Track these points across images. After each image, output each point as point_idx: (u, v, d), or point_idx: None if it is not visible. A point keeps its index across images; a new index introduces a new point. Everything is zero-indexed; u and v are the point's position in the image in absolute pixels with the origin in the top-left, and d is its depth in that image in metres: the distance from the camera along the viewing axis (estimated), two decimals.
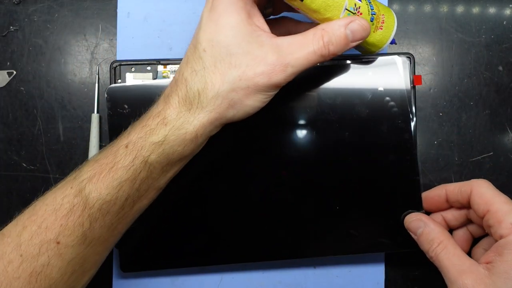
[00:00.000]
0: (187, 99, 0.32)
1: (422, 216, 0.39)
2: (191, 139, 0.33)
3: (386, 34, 0.36)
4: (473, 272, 0.33)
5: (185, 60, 0.33)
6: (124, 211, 0.33)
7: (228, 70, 0.32)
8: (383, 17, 0.35)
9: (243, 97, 0.32)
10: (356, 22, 0.33)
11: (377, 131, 0.41)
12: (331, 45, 0.33)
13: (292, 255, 0.42)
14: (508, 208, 0.35)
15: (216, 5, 0.32)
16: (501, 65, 0.45)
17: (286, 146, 0.41)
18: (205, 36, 0.32)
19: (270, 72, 0.32)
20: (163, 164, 0.33)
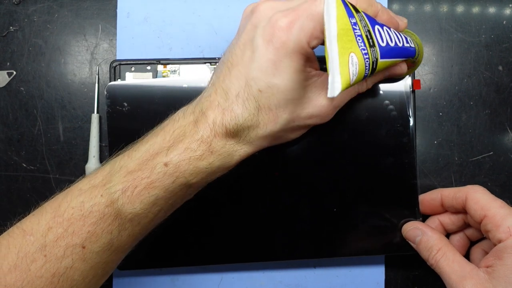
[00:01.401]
0: (235, 133, 0.32)
1: (419, 225, 0.39)
2: (234, 165, 0.33)
3: (407, 72, 0.38)
4: (473, 277, 0.34)
5: (234, 92, 0.31)
6: (153, 222, 0.33)
7: (282, 114, 0.31)
8: (416, 64, 0.38)
9: (289, 133, 0.33)
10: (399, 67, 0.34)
11: (376, 134, 0.41)
12: (370, 83, 0.34)
13: (292, 256, 0.42)
14: (504, 212, 0.35)
15: (277, 45, 0.29)
16: (501, 65, 0.45)
17: (285, 148, 0.41)
18: (263, 76, 0.30)
19: (323, 115, 0.33)
20: (201, 185, 0.33)
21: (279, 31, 0.29)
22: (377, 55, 0.28)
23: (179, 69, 0.42)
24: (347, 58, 0.26)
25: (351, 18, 0.27)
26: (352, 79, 0.27)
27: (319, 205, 0.42)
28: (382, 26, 0.29)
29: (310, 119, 0.32)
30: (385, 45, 0.29)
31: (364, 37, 0.27)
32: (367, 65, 0.28)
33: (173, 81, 0.42)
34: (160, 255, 0.42)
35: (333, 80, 0.26)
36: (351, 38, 0.27)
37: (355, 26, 0.27)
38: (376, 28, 0.29)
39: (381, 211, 0.41)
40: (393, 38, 0.30)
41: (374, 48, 0.28)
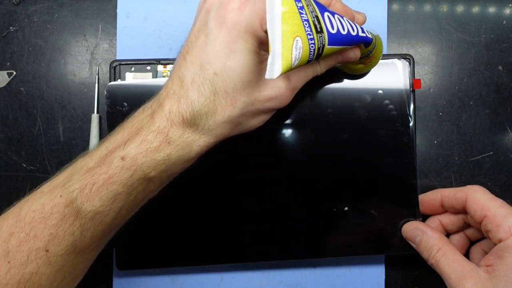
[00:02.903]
0: (193, 121, 0.31)
1: (419, 224, 0.39)
2: (194, 156, 0.32)
3: (365, 68, 0.39)
4: (473, 276, 0.34)
5: (190, 78, 0.31)
6: (117, 221, 0.32)
7: (240, 97, 0.31)
8: (372, 59, 0.38)
9: (250, 120, 0.33)
10: (352, 51, 0.34)
11: (376, 134, 0.41)
12: (324, 66, 0.34)
13: (292, 256, 0.42)
14: (505, 212, 0.35)
15: (229, 26, 0.29)
16: (501, 65, 0.45)
17: (286, 148, 0.41)
18: (217, 59, 0.30)
19: (281, 96, 0.32)
20: (162, 179, 0.33)
21: (230, 13, 0.29)
22: (324, 41, 0.28)
23: None
24: (292, 42, 0.27)
25: (298, 2, 0.27)
26: (294, 63, 0.27)
27: (319, 205, 0.42)
28: (333, 14, 0.30)
29: (269, 102, 0.32)
30: (335, 32, 0.29)
31: (311, 22, 0.28)
32: (311, 50, 0.28)
33: None
34: (160, 255, 0.42)
35: (272, 62, 0.26)
36: (298, 22, 0.27)
37: (302, 11, 0.27)
38: (326, 15, 0.29)
39: (381, 211, 0.41)
40: (346, 27, 0.30)
41: (322, 34, 0.28)
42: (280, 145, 0.41)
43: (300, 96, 0.41)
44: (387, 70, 0.41)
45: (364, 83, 0.41)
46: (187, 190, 0.41)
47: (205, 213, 0.42)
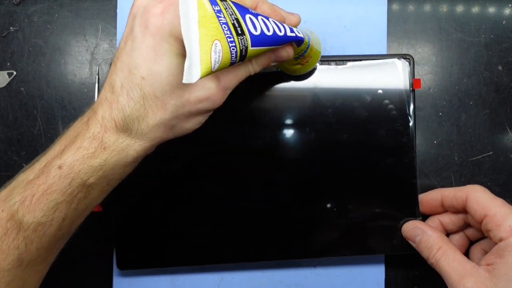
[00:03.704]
0: (125, 125, 0.31)
1: (419, 224, 0.39)
2: (132, 162, 0.32)
3: (303, 69, 0.40)
4: (473, 275, 0.34)
5: (119, 83, 0.31)
6: (62, 232, 0.32)
7: (169, 100, 0.30)
8: (309, 59, 0.38)
9: (183, 122, 0.32)
10: (284, 50, 0.34)
11: (376, 133, 0.41)
12: (256, 65, 0.34)
13: (292, 256, 0.43)
14: (505, 211, 0.35)
15: (153, 31, 0.29)
16: (500, 65, 0.45)
17: (286, 148, 0.41)
18: (144, 63, 0.30)
19: (212, 97, 0.32)
20: (102, 185, 0.32)
21: (153, 17, 0.29)
22: (247, 43, 0.29)
23: None
24: (210, 45, 0.27)
25: (215, 6, 0.27)
26: (214, 66, 0.27)
27: (319, 204, 0.42)
28: (256, 16, 0.30)
29: (200, 103, 0.31)
30: (258, 33, 0.29)
31: (230, 25, 0.28)
32: (233, 52, 0.28)
33: None
34: (160, 255, 0.42)
35: (190, 66, 0.26)
36: (215, 26, 0.27)
37: (220, 14, 0.27)
38: (248, 17, 0.29)
39: (381, 210, 0.41)
40: (271, 27, 0.30)
41: (244, 36, 0.28)
42: (280, 145, 0.41)
43: (301, 95, 0.41)
44: (387, 70, 0.42)
45: (364, 83, 0.41)
46: (187, 190, 0.41)
47: (205, 213, 0.42)
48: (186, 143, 0.41)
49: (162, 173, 0.41)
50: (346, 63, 0.42)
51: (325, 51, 0.44)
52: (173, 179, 0.41)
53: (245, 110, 0.41)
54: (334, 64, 0.42)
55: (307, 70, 0.40)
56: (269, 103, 0.41)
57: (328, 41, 0.45)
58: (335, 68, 0.42)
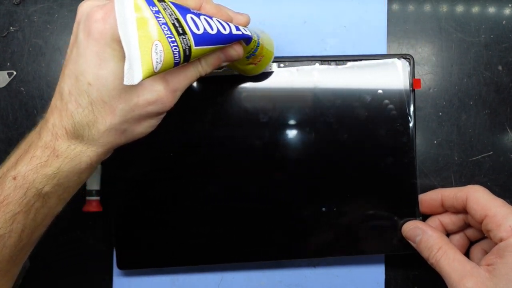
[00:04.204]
0: (76, 132, 0.31)
1: (419, 224, 0.39)
2: (86, 168, 0.32)
3: (257, 69, 0.40)
4: (474, 275, 0.34)
5: (67, 90, 0.31)
6: (22, 243, 0.32)
7: (118, 104, 0.30)
8: (261, 58, 0.38)
9: (134, 126, 0.32)
10: (233, 49, 0.34)
11: (376, 133, 0.41)
12: (206, 66, 0.34)
13: (292, 256, 0.43)
14: (505, 211, 0.35)
15: (96, 36, 0.29)
16: (500, 65, 0.45)
17: (286, 148, 0.41)
18: (89, 69, 0.30)
19: (162, 100, 0.31)
20: (59, 193, 0.32)
21: (95, 23, 0.29)
22: (190, 42, 0.29)
23: None
24: (150, 46, 0.27)
25: (152, 7, 0.28)
26: (156, 67, 0.27)
27: (319, 204, 0.42)
28: (198, 15, 0.30)
29: (150, 106, 0.31)
30: (201, 32, 0.30)
31: (170, 26, 0.28)
32: (175, 52, 0.28)
33: None
34: (160, 255, 0.42)
35: (130, 68, 0.26)
36: (155, 26, 0.27)
37: (158, 15, 0.28)
38: (189, 17, 0.29)
39: (381, 211, 0.41)
40: (215, 26, 0.31)
41: (185, 36, 0.29)
42: (280, 145, 0.41)
43: (300, 96, 0.41)
44: (387, 70, 0.42)
45: (364, 83, 0.41)
46: (188, 190, 0.41)
47: (205, 213, 0.42)
48: (186, 143, 0.41)
49: (162, 173, 0.41)
50: (346, 63, 0.42)
51: (325, 51, 0.44)
52: (173, 179, 0.41)
53: (245, 110, 0.41)
54: (334, 64, 0.42)
55: (261, 70, 0.40)
56: (269, 103, 0.41)
57: (328, 41, 0.45)
58: (335, 68, 0.42)
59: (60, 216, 0.44)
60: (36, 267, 0.44)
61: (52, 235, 0.44)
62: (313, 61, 0.42)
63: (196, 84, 0.41)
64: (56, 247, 0.44)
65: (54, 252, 0.44)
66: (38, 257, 0.44)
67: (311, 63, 0.42)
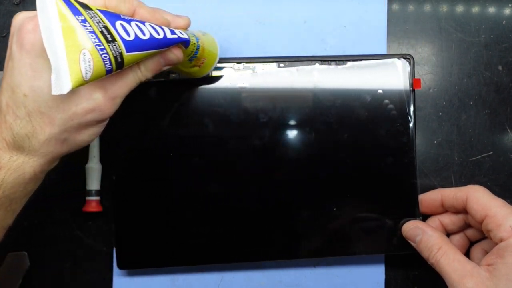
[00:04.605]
0: (16, 143, 0.31)
1: (419, 224, 0.39)
2: (31, 178, 0.32)
3: (202, 70, 0.40)
4: (474, 275, 0.34)
5: (5, 103, 0.31)
6: None
7: (56, 114, 0.30)
8: (204, 60, 0.38)
9: (75, 135, 0.32)
10: (171, 53, 0.34)
11: (376, 133, 0.41)
12: (146, 71, 0.33)
13: (292, 256, 0.43)
14: (506, 211, 0.35)
15: (28, 48, 0.29)
16: (500, 65, 0.45)
17: (286, 148, 0.41)
18: (24, 81, 0.30)
19: (100, 108, 0.31)
20: (6, 205, 0.32)
21: (26, 34, 0.29)
22: (120, 49, 0.29)
23: None
24: (78, 55, 0.27)
25: (78, 15, 0.28)
26: (85, 75, 0.27)
27: (318, 204, 0.42)
28: (129, 22, 0.30)
29: (88, 115, 0.31)
30: (132, 38, 0.30)
31: (98, 33, 0.28)
32: (106, 60, 0.28)
33: (173, 81, 0.42)
34: (160, 255, 0.42)
35: (57, 77, 0.27)
36: (82, 35, 0.27)
37: (85, 23, 0.28)
38: (119, 24, 0.29)
39: (381, 210, 0.41)
40: (147, 32, 0.31)
41: (115, 43, 0.29)
42: (280, 145, 0.41)
43: (300, 96, 0.41)
44: (387, 70, 0.42)
45: (364, 83, 0.41)
46: (188, 190, 0.41)
47: (206, 213, 0.42)
48: (186, 143, 0.41)
49: (162, 173, 0.41)
50: (346, 63, 0.42)
51: (325, 51, 0.44)
52: (173, 179, 0.41)
53: (245, 110, 0.41)
54: (334, 64, 0.42)
55: (206, 72, 0.40)
56: (269, 103, 0.41)
57: (328, 41, 0.45)
58: (335, 68, 0.42)
59: (60, 216, 0.44)
60: (36, 267, 0.44)
61: (52, 235, 0.44)
62: (313, 61, 0.42)
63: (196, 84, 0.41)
64: (56, 247, 0.44)
65: (54, 252, 0.44)
66: (38, 257, 0.44)
67: (311, 63, 0.42)
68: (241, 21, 0.45)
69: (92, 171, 0.43)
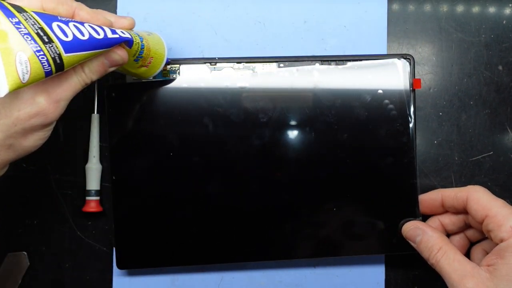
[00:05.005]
0: None
1: (419, 224, 0.39)
2: None
3: (150, 71, 0.39)
4: (474, 275, 0.34)
5: None
6: None
7: None
8: (151, 60, 0.38)
9: (21, 140, 0.32)
10: (115, 53, 0.34)
11: (376, 134, 0.41)
12: (91, 73, 0.33)
13: (292, 256, 0.43)
14: (506, 212, 0.35)
15: None
16: (501, 65, 0.45)
17: (286, 148, 0.41)
18: None
19: (44, 112, 0.31)
20: None
21: None
22: (59, 50, 0.29)
23: (179, 69, 0.42)
24: (13, 58, 0.27)
25: (12, 18, 0.27)
26: (23, 78, 0.27)
27: (318, 204, 0.42)
28: (66, 23, 0.30)
29: (32, 119, 0.31)
30: (71, 39, 0.29)
31: (34, 35, 0.28)
32: (43, 61, 0.28)
33: (173, 80, 0.42)
34: (160, 255, 0.42)
35: None
36: (16, 38, 0.27)
37: (19, 25, 0.28)
38: (55, 25, 0.29)
39: (381, 210, 0.41)
40: (86, 32, 0.30)
41: (52, 44, 0.28)
42: (280, 145, 0.41)
43: (300, 96, 0.41)
44: (387, 70, 0.41)
45: (364, 83, 0.41)
46: (188, 190, 0.41)
47: (206, 213, 0.42)
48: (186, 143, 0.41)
49: (162, 173, 0.41)
50: (346, 63, 0.42)
51: (325, 51, 0.44)
52: (173, 179, 0.41)
53: (245, 110, 0.41)
54: (334, 64, 0.42)
55: (154, 72, 0.40)
56: (269, 103, 0.41)
57: (328, 41, 0.45)
58: (335, 68, 0.42)
59: (60, 216, 0.44)
60: (35, 267, 0.44)
61: (52, 235, 0.44)
62: (313, 61, 0.42)
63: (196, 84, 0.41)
64: (56, 247, 0.44)
65: (54, 252, 0.44)
66: (37, 256, 0.44)
67: (311, 63, 0.42)
68: (241, 21, 0.45)
69: (92, 171, 0.43)
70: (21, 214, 0.44)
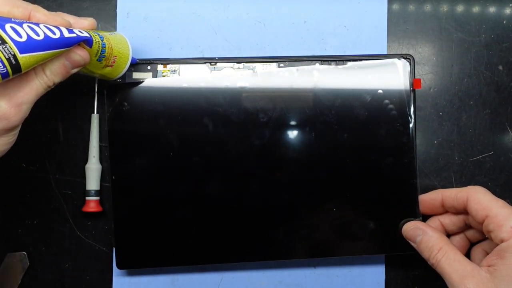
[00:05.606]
0: None
1: (419, 224, 0.39)
2: None
3: (116, 70, 0.39)
4: (475, 276, 0.34)
5: None
6: None
7: None
8: (115, 59, 0.38)
9: None
10: (75, 53, 0.33)
11: (376, 134, 0.41)
12: (52, 75, 0.33)
13: (292, 256, 0.42)
14: (506, 212, 0.35)
15: None
16: (501, 65, 0.45)
17: (286, 148, 0.41)
18: None
19: (5, 116, 0.31)
20: None
21: None
22: (13, 50, 0.29)
23: (179, 69, 0.42)
24: None
25: None
26: None
27: (318, 204, 0.42)
28: (20, 24, 0.30)
29: None
30: (25, 40, 0.30)
31: None
32: None
33: (173, 81, 0.42)
34: (160, 255, 0.42)
35: None
36: None
37: None
38: (9, 26, 0.29)
39: (381, 211, 0.41)
40: (42, 32, 0.31)
41: (6, 45, 0.29)
42: (280, 145, 0.41)
43: (300, 96, 0.41)
44: (387, 70, 0.41)
45: (364, 83, 0.41)
46: (188, 190, 0.41)
47: (205, 213, 0.42)
48: (186, 143, 0.41)
49: (162, 173, 0.41)
50: (346, 63, 0.42)
51: (325, 51, 0.44)
52: (173, 179, 0.41)
53: (245, 110, 0.41)
54: (334, 64, 0.42)
55: (120, 72, 0.40)
56: (269, 103, 0.41)
57: (328, 41, 0.44)
58: (335, 68, 0.42)
59: (60, 216, 0.44)
60: (35, 267, 0.44)
61: (52, 235, 0.44)
62: (313, 61, 0.42)
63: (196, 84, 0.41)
64: (56, 247, 0.44)
65: (54, 252, 0.44)
66: (37, 256, 0.44)
67: (311, 63, 0.42)
68: (241, 21, 0.45)
69: (91, 171, 0.43)
70: (21, 214, 0.44)
